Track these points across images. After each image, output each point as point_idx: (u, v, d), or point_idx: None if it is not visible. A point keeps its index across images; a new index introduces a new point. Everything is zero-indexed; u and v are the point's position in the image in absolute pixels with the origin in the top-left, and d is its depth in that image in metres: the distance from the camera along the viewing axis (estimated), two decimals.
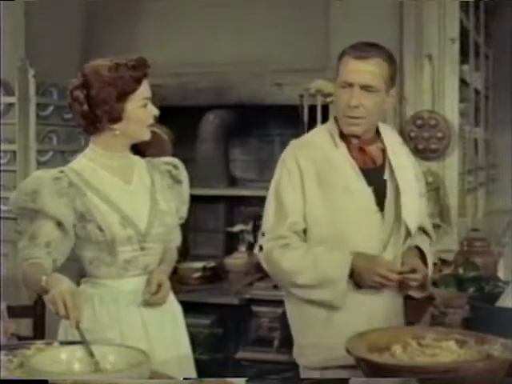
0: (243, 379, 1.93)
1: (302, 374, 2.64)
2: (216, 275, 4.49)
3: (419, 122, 4.23)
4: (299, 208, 2.54)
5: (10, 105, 4.37)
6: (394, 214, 2.57)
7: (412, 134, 4.23)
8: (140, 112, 2.39)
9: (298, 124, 4.21)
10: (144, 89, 2.40)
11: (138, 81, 2.37)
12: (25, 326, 3.15)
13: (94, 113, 2.36)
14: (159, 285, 2.40)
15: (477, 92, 5.58)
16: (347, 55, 2.52)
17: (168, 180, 2.56)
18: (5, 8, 4.20)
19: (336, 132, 2.59)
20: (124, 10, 4.75)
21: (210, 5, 4.59)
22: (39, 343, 2.13)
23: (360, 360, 1.88)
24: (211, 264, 4.50)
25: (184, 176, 2.62)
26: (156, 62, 2.55)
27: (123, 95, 2.35)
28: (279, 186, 2.58)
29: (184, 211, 2.61)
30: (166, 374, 2.02)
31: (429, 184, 3.82)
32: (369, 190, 2.56)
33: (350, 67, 2.50)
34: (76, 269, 2.45)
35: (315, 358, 2.56)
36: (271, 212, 2.59)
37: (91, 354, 1.96)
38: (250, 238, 4.46)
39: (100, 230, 2.36)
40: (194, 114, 4.62)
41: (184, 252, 3.53)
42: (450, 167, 4.28)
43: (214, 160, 4.75)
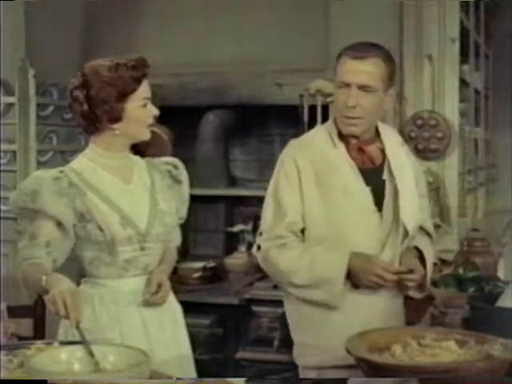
0: (243, 379, 1.93)
1: (301, 374, 2.64)
2: (216, 275, 4.49)
3: (419, 122, 4.23)
4: (297, 208, 2.54)
5: (10, 105, 4.37)
6: (393, 214, 2.57)
7: (412, 134, 4.23)
8: (140, 112, 2.39)
9: (298, 124, 4.21)
10: (144, 89, 2.40)
11: (138, 81, 2.37)
12: (25, 326, 3.15)
13: (94, 113, 2.36)
14: (159, 285, 2.40)
15: (477, 92, 5.58)
16: (345, 55, 2.51)
17: (168, 180, 2.56)
18: (5, 8, 4.20)
19: (335, 132, 2.59)
20: (124, 10, 4.75)
21: (210, 5, 4.59)
22: (39, 343, 2.13)
23: (360, 360, 1.88)
24: (211, 264, 4.50)
25: (184, 176, 2.62)
26: (156, 62, 2.55)
27: (123, 95, 2.35)
28: (277, 186, 2.58)
29: (184, 211, 2.61)
30: (166, 374, 2.02)
31: (429, 184, 3.81)
32: (367, 190, 2.56)
33: (348, 67, 2.50)
34: (76, 269, 2.45)
35: (313, 358, 2.56)
36: (269, 212, 2.59)
37: (91, 354, 1.96)
38: (250, 238, 4.45)
39: (100, 230, 2.36)
40: (194, 114, 4.62)
41: (184, 252, 3.54)
42: (450, 167, 4.28)
43: (214, 160, 4.75)
